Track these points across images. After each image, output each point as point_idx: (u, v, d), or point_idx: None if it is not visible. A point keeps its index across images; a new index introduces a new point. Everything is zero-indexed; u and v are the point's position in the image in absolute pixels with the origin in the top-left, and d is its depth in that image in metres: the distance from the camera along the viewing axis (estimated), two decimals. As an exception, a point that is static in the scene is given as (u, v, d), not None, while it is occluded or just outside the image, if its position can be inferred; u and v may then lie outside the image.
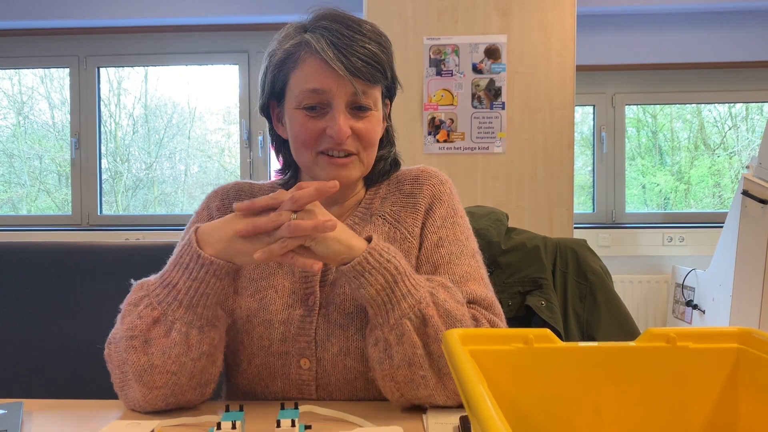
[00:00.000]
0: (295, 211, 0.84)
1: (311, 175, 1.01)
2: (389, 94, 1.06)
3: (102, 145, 3.81)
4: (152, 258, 1.25)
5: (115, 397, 0.97)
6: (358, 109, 0.96)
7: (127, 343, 0.87)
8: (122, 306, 0.91)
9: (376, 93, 0.99)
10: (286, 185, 1.08)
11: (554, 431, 0.64)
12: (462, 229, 1.04)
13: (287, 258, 0.84)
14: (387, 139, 1.08)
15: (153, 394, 0.88)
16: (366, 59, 0.93)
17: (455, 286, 0.95)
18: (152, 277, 0.92)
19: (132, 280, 0.94)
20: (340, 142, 0.95)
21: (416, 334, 0.87)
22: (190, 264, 0.86)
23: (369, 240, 0.89)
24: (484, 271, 1.03)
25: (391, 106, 1.09)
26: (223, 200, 1.08)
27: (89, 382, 1.26)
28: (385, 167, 1.08)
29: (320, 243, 0.84)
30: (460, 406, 0.90)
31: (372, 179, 1.08)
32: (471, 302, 0.95)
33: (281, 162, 1.10)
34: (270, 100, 1.03)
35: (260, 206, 0.85)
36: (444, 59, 2.78)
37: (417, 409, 0.92)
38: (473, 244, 1.05)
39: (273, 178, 1.14)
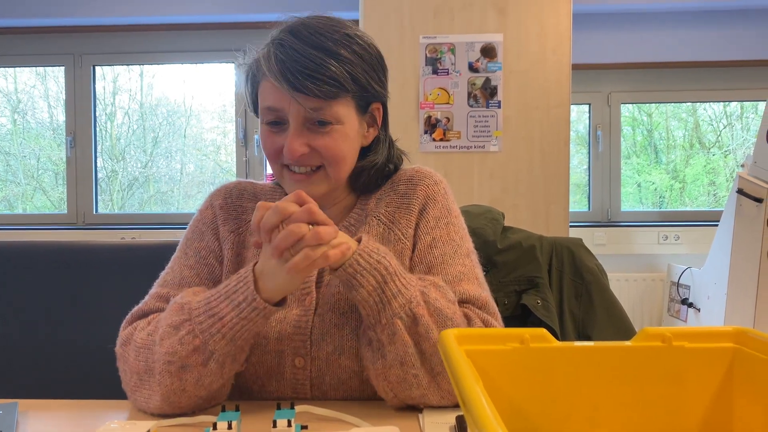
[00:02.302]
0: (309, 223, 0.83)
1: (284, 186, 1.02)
2: (366, 103, 0.99)
3: (97, 143, 3.79)
4: (148, 257, 1.25)
5: (110, 396, 0.97)
6: (318, 125, 0.94)
7: (164, 367, 0.87)
8: (161, 326, 0.90)
9: (338, 108, 0.94)
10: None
11: (550, 431, 0.64)
12: (456, 229, 1.04)
13: (317, 264, 0.83)
14: (375, 148, 1.05)
15: (173, 411, 0.89)
16: (317, 75, 0.90)
17: (448, 286, 0.95)
18: (193, 300, 0.90)
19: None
20: (291, 160, 0.95)
21: (407, 333, 0.87)
22: (242, 303, 0.85)
23: (360, 241, 0.89)
24: (479, 271, 1.02)
25: (383, 113, 1.05)
26: (226, 199, 1.08)
27: (85, 382, 1.26)
28: (370, 178, 1.05)
29: (318, 248, 0.83)
30: (455, 406, 0.91)
31: (361, 188, 1.06)
32: (464, 302, 0.95)
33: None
34: (255, 107, 1.04)
35: (270, 227, 0.84)
36: (440, 58, 2.78)
37: (413, 408, 0.92)
38: (468, 243, 1.05)
39: (269, 179, 1.14)
